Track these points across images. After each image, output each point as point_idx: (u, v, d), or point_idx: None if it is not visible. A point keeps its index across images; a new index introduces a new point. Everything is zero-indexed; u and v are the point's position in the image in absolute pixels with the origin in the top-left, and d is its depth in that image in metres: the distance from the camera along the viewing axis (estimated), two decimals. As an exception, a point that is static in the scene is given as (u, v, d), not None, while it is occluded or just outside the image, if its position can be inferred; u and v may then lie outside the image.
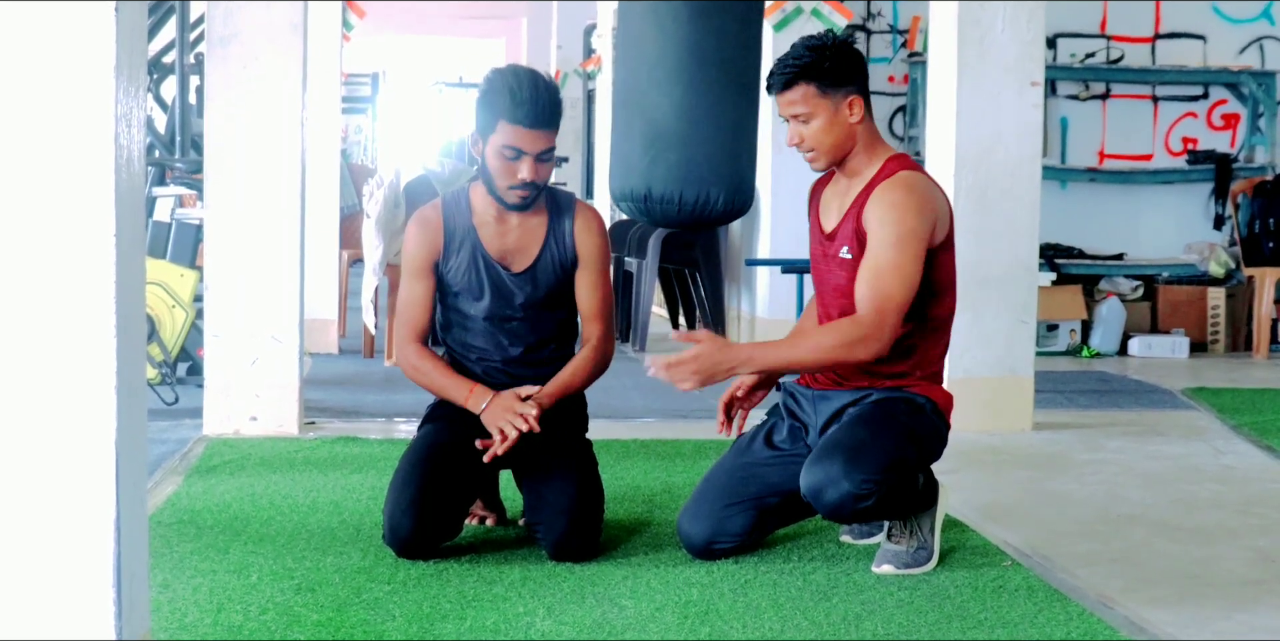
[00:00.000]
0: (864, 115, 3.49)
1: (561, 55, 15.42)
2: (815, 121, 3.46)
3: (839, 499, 3.29)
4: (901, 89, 8.66)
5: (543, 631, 2.93)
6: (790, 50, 3.49)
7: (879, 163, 3.51)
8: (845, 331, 3.34)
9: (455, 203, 3.69)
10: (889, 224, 3.38)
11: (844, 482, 3.27)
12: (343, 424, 5.50)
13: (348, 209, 8.27)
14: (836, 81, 3.45)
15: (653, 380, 3.42)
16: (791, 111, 3.47)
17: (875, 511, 3.34)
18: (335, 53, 8.13)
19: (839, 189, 3.58)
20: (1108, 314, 8.33)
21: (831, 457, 3.31)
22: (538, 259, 3.65)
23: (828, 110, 3.45)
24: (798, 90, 3.45)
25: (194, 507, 4.01)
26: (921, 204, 3.41)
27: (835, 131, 3.46)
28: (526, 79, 3.52)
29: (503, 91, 3.51)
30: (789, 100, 3.47)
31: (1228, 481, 4.72)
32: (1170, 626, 3.07)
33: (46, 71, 2.05)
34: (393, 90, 21.89)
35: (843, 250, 3.49)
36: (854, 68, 3.48)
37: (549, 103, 3.52)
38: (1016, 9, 5.50)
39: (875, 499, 3.29)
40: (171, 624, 2.92)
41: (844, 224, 3.50)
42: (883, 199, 3.41)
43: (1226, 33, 8.91)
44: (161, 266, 6.23)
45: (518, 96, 3.49)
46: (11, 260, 2.06)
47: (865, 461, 3.29)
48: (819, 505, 3.34)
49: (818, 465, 3.32)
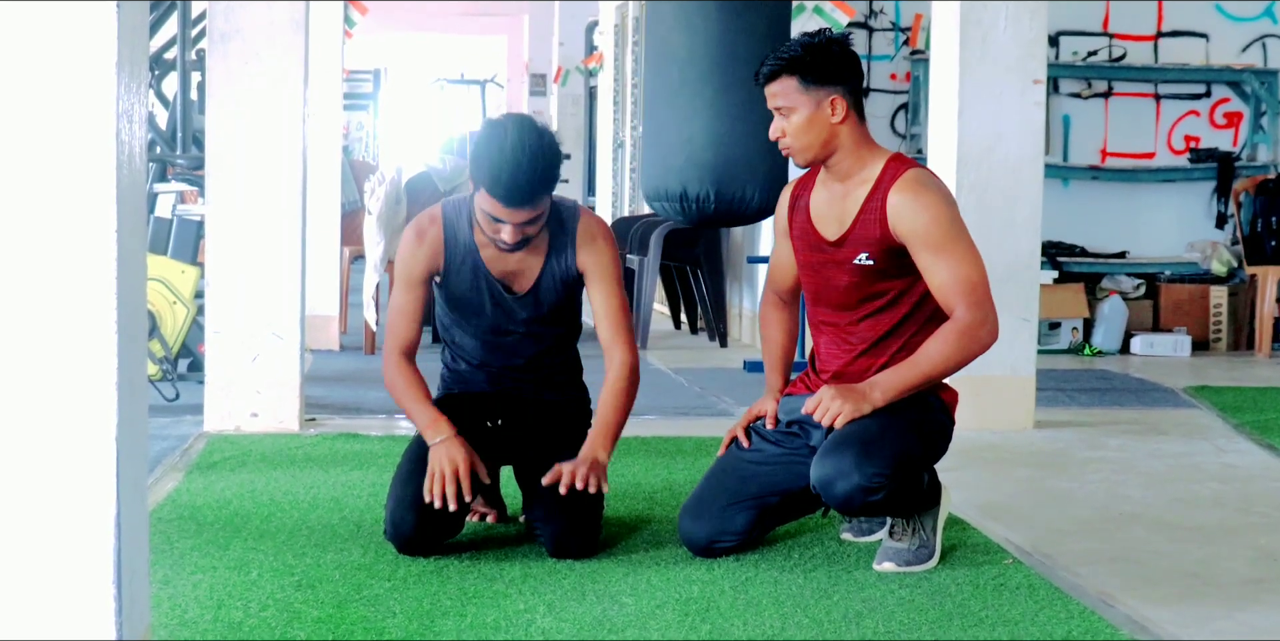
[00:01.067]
0: (848, 116, 3.46)
1: (563, 52, 15.43)
2: (795, 116, 3.45)
3: (849, 491, 3.29)
4: (903, 87, 8.66)
5: (543, 628, 2.92)
6: (785, 43, 3.52)
7: (877, 165, 3.49)
8: (955, 330, 3.37)
9: (457, 216, 3.59)
10: (933, 223, 3.40)
11: (855, 475, 3.28)
12: (343, 420, 5.50)
13: (349, 205, 8.27)
14: (821, 79, 3.44)
15: (655, 378, 3.44)
16: (774, 104, 3.48)
17: (884, 505, 3.35)
18: (337, 49, 8.13)
19: (833, 194, 3.54)
20: (1110, 312, 8.33)
21: (842, 451, 3.31)
22: (540, 279, 3.61)
23: (808, 106, 3.44)
24: (781, 83, 3.46)
25: (194, 504, 4.00)
26: (943, 194, 3.46)
27: (814, 128, 3.45)
28: (510, 158, 3.33)
29: (485, 162, 3.36)
30: (772, 92, 3.48)
31: (1229, 480, 4.72)
32: (1171, 625, 3.07)
33: (48, 68, 2.05)
34: (394, 87, 21.90)
35: (860, 257, 3.47)
36: (842, 67, 3.47)
37: (531, 182, 3.36)
38: (1019, 7, 5.49)
39: (885, 493, 3.30)
40: (172, 620, 2.92)
41: (857, 230, 3.47)
42: (912, 203, 3.41)
43: (1229, 31, 8.90)
44: (163, 262, 6.23)
45: (499, 176, 3.34)
46: (13, 256, 2.06)
47: (876, 455, 3.30)
48: (829, 497, 3.34)
49: (829, 458, 3.33)
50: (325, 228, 7.69)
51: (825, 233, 3.54)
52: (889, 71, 8.63)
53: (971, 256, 3.42)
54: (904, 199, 3.42)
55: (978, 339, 3.38)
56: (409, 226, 3.63)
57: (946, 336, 3.38)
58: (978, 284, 3.40)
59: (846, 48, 3.50)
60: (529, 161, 3.35)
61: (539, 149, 3.37)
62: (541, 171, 3.37)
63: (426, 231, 3.58)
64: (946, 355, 3.37)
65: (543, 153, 3.37)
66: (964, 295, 3.38)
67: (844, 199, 3.52)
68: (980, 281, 3.41)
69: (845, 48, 3.50)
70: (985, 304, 3.39)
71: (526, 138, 3.37)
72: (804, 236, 3.60)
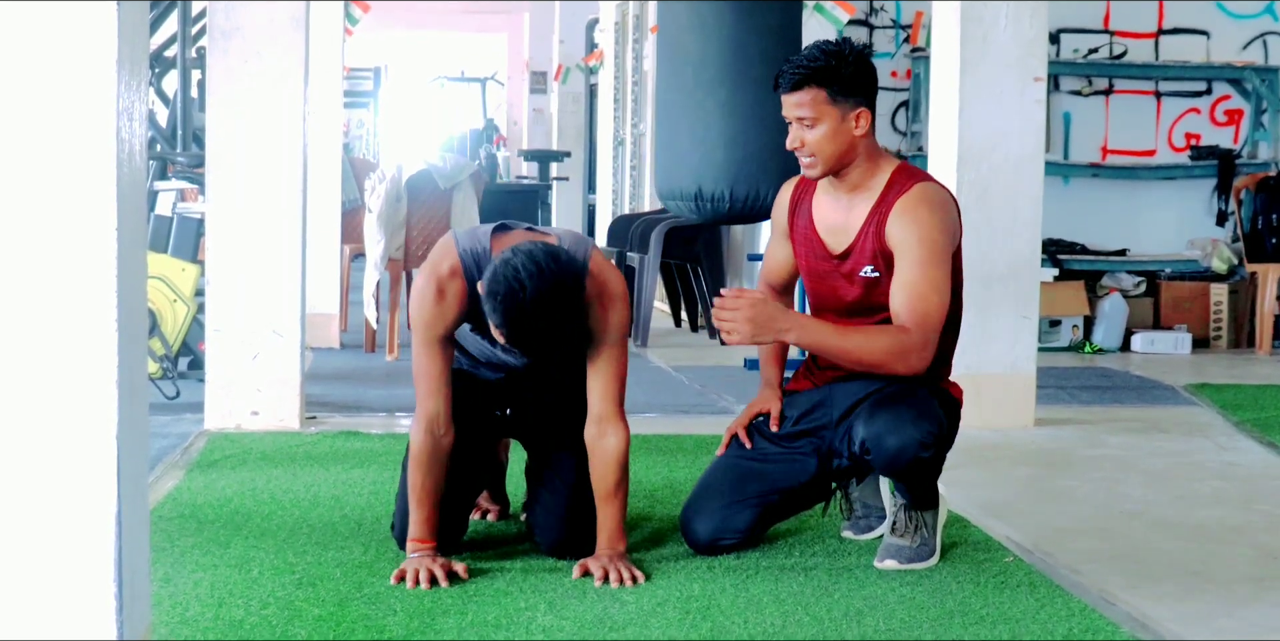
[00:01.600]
0: (869, 129, 3.44)
1: (564, 50, 15.42)
2: (820, 128, 3.40)
3: (903, 444, 3.30)
4: (904, 84, 8.66)
5: (544, 626, 2.92)
6: (805, 50, 3.43)
7: (884, 175, 3.47)
8: (897, 340, 3.32)
9: (475, 268, 3.28)
10: (920, 242, 3.37)
11: (911, 429, 3.30)
12: (344, 418, 5.50)
13: (349, 203, 8.27)
14: (848, 91, 3.39)
15: (655, 375, 3.42)
16: (797, 114, 3.41)
17: (928, 466, 3.37)
18: (337, 47, 8.13)
19: (837, 204, 3.52)
20: (1110, 310, 8.32)
21: (895, 409, 3.33)
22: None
23: (834, 118, 3.40)
24: (807, 93, 3.39)
25: (195, 502, 4.00)
26: (945, 218, 3.43)
27: (839, 141, 3.41)
28: (527, 319, 3.06)
29: (497, 311, 3.08)
30: (796, 101, 3.40)
31: (1230, 478, 4.72)
32: (1172, 623, 3.07)
33: (49, 66, 2.05)
34: (395, 85, 21.89)
35: (865, 270, 3.46)
36: (868, 80, 3.44)
37: (543, 339, 3.12)
38: (1019, 5, 5.49)
39: (933, 453, 3.34)
40: (173, 618, 2.92)
41: (861, 242, 3.46)
42: (907, 216, 3.40)
43: (1230, 28, 8.90)
44: (163, 261, 6.23)
45: (511, 332, 3.10)
46: (13, 254, 2.06)
47: (928, 416, 3.35)
48: (880, 451, 3.33)
49: (879, 415, 3.34)
50: (326, 225, 7.69)
51: (829, 244, 3.52)
52: (889, 69, 8.63)
53: (942, 287, 3.37)
54: (903, 212, 3.40)
55: (906, 361, 3.33)
56: (425, 278, 3.31)
57: (889, 342, 3.32)
58: (933, 314, 3.35)
59: (868, 59, 3.47)
60: (545, 323, 3.09)
61: (559, 313, 3.09)
62: (557, 326, 3.11)
63: (447, 287, 3.28)
64: (872, 352, 3.32)
65: (563, 313, 3.10)
66: (917, 318, 3.33)
67: (848, 210, 3.50)
68: (937, 313, 3.36)
69: (869, 60, 3.46)
70: (930, 335, 3.35)
71: (546, 299, 3.06)
72: (806, 243, 3.58)
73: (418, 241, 7.26)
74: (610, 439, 3.34)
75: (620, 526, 3.36)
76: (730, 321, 3.25)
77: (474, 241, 3.32)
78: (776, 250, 3.72)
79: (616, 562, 3.28)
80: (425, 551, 3.28)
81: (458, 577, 3.23)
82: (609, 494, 3.35)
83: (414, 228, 7.27)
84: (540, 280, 3.05)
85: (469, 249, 3.31)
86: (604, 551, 3.32)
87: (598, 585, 3.21)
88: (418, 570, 3.20)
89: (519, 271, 3.05)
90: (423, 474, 3.30)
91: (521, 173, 17.22)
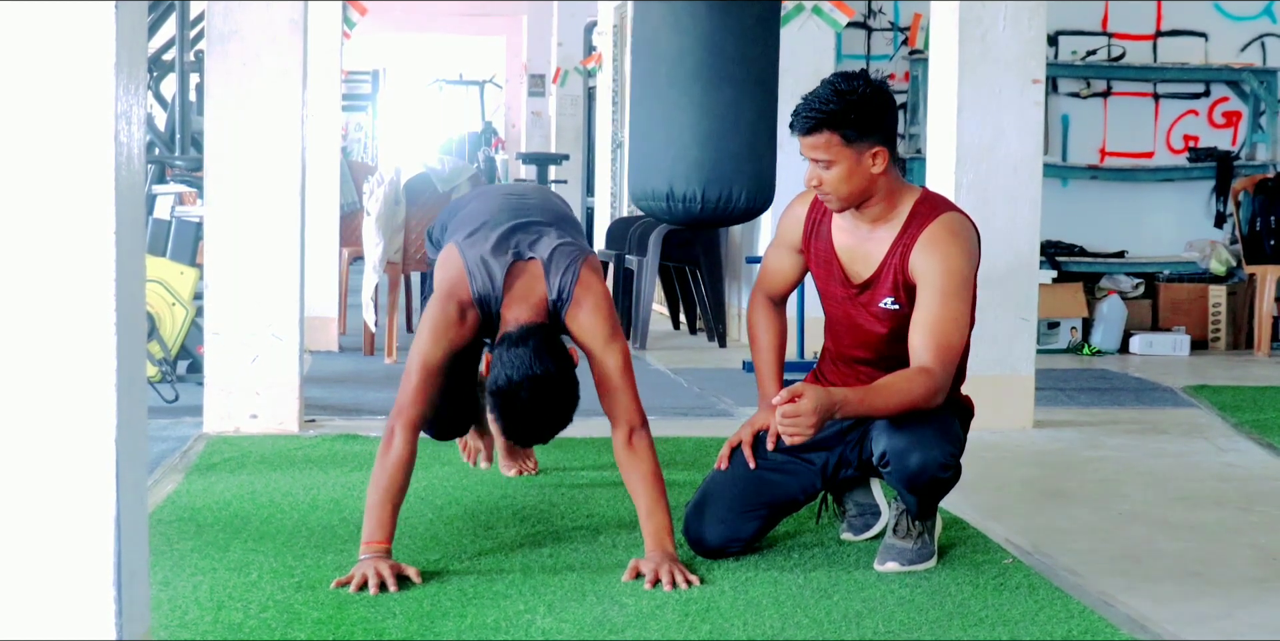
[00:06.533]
0: (888, 165, 3.41)
1: (562, 52, 15.42)
2: (836, 169, 3.38)
3: (925, 462, 3.32)
4: (903, 86, 8.66)
5: (543, 629, 2.92)
6: (820, 89, 3.39)
7: (906, 207, 3.45)
8: (926, 386, 3.30)
9: (488, 293, 3.49)
10: (944, 274, 3.37)
11: (935, 449, 3.32)
12: (343, 421, 5.50)
13: (348, 206, 8.27)
14: (862, 133, 3.36)
15: (655, 377, 3.42)
16: (813, 156, 3.39)
17: (944, 486, 3.40)
18: (335, 50, 8.13)
19: (859, 234, 3.50)
20: (1109, 312, 8.32)
21: (918, 427, 3.33)
22: None
23: (850, 159, 3.37)
24: (820, 137, 3.36)
25: (194, 505, 4.00)
26: (969, 249, 3.43)
27: (855, 180, 3.39)
28: (530, 425, 3.35)
29: (497, 411, 3.34)
30: (811, 144, 3.38)
31: (1229, 479, 4.72)
32: (1171, 624, 3.07)
33: (47, 69, 2.05)
34: (393, 88, 21.89)
35: (886, 301, 3.46)
36: (882, 117, 3.39)
37: (542, 437, 3.39)
38: (1017, 6, 5.49)
39: (953, 473, 3.37)
40: (172, 622, 2.92)
41: (884, 274, 3.45)
42: (932, 248, 3.39)
43: (1228, 30, 8.90)
44: (161, 264, 6.23)
45: (511, 432, 3.37)
46: (12, 258, 2.06)
47: (950, 437, 3.37)
48: (901, 466, 3.33)
49: (902, 432, 3.33)
50: (324, 229, 7.69)
51: (850, 271, 3.52)
52: (888, 71, 8.63)
53: (964, 320, 3.39)
54: (929, 244, 3.40)
55: (934, 400, 3.33)
56: (441, 298, 3.49)
57: (919, 391, 3.29)
58: (955, 347, 3.35)
59: (885, 93, 3.42)
60: (547, 428, 3.36)
61: (553, 410, 3.33)
62: (557, 426, 3.36)
63: (467, 312, 3.48)
64: (913, 403, 3.30)
65: (554, 414, 3.33)
66: (939, 352, 3.33)
67: (869, 240, 3.48)
68: (958, 347, 3.37)
69: (884, 94, 3.41)
70: (951, 368, 3.35)
71: (545, 404, 3.32)
72: (825, 266, 3.56)
73: (416, 244, 7.26)
74: (637, 443, 3.45)
75: (668, 527, 3.39)
76: (795, 427, 3.16)
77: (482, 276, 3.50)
78: (781, 261, 3.69)
79: (668, 565, 3.30)
80: (378, 553, 3.28)
81: (408, 581, 3.23)
82: (655, 501, 3.40)
83: (412, 231, 7.27)
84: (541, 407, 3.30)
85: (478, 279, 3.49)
86: (653, 552, 3.35)
87: (648, 587, 3.22)
88: (365, 575, 3.19)
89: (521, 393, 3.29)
90: (389, 477, 3.35)
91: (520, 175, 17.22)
